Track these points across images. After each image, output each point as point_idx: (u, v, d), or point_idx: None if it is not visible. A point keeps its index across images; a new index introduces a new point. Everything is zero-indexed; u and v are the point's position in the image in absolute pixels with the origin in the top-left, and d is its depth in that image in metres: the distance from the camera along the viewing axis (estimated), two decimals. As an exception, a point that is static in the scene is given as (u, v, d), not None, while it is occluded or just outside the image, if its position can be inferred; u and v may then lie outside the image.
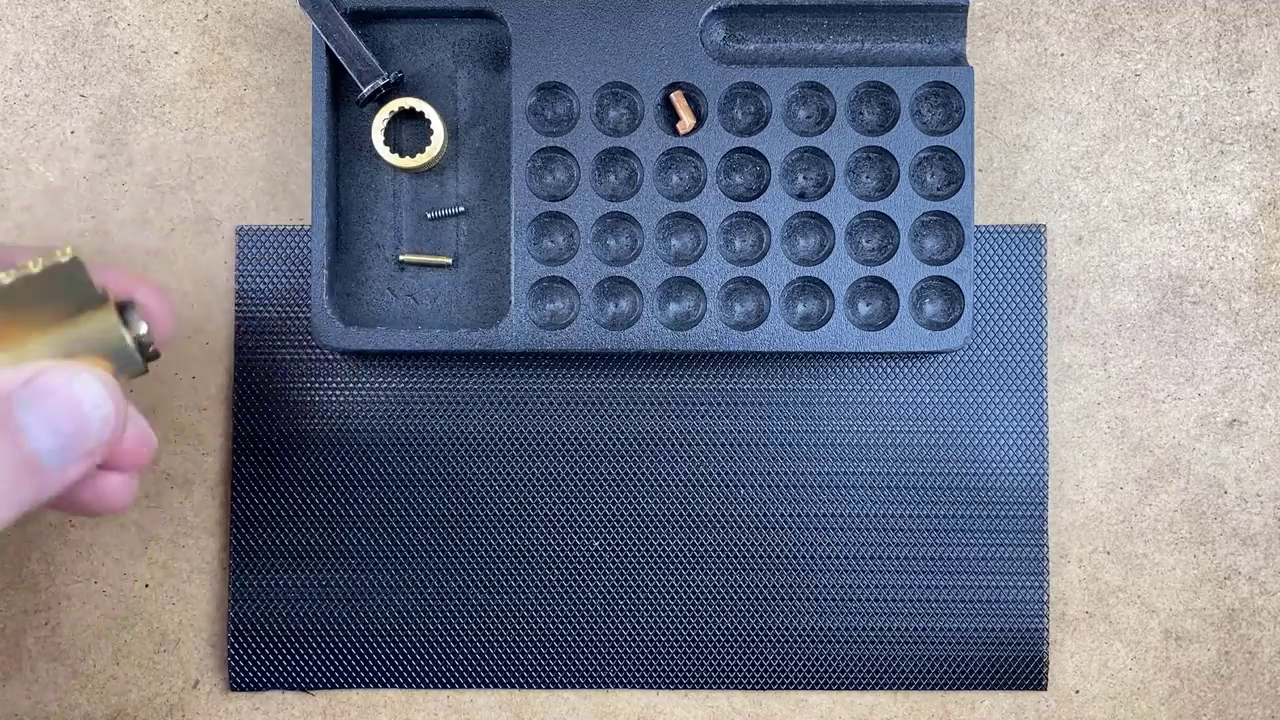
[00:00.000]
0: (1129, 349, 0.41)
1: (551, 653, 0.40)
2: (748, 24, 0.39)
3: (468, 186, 0.40)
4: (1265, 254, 0.41)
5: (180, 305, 0.41)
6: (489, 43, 0.40)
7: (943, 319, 0.39)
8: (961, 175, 0.38)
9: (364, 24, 0.39)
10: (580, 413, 0.41)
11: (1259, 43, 0.41)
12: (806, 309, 0.39)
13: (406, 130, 0.40)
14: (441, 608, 0.40)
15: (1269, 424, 0.41)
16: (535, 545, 0.40)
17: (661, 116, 0.39)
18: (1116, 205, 0.41)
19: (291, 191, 0.41)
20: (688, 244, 0.39)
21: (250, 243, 0.41)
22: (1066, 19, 0.41)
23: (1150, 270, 0.41)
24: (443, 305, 0.40)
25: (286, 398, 0.41)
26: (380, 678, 0.40)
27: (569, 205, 0.39)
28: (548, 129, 0.39)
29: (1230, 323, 0.41)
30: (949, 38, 0.39)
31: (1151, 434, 0.41)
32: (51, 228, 0.41)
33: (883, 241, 0.39)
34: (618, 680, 0.40)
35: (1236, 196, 0.41)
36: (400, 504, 0.40)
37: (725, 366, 0.41)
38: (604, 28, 0.39)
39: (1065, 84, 0.41)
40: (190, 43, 0.41)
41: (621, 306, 0.39)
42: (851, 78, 0.38)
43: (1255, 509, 0.41)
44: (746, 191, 0.39)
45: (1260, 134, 0.41)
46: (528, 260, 0.38)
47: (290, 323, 0.41)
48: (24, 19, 0.41)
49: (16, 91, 0.41)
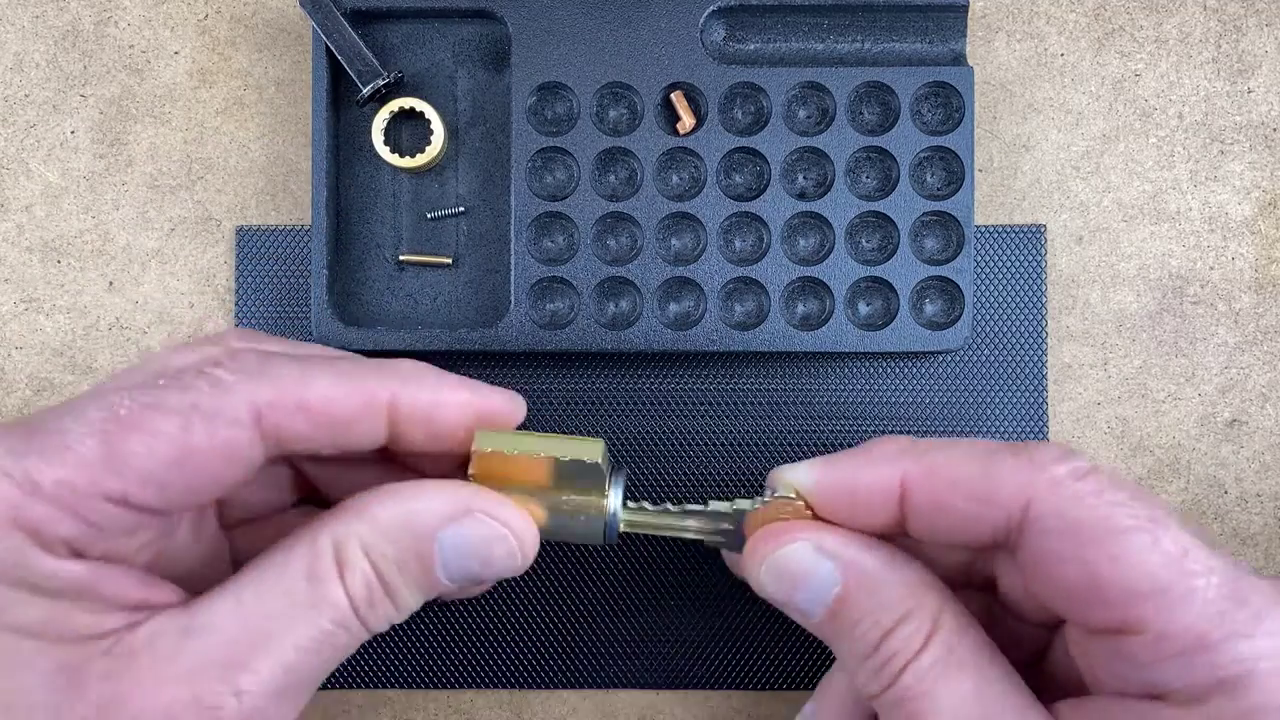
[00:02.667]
0: (1129, 349, 0.41)
1: (551, 653, 0.40)
2: (748, 24, 0.39)
3: (468, 186, 0.40)
4: (1265, 254, 0.41)
5: (180, 305, 0.41)
6: (489, 43, 0.40)
7: (943, 319, 0.39)
8: (961, 175, 0.38)
9: (364, 24, 0.39)
10: (580, 413, 0.41)
11: (1259, 43, 0.41)
12: (806, 309, 0.39)
13: (406, 130, 0.40)
14: (442, 608, 0.40)
15: (1269, 424, 0.41)
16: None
17: (661, 116, 0.39)
18: (1116, 205, 0.41)
19: (291, 191, 0.41)
20: (688, 244, 0.39)
21: (250, 243, 0.41)
22: (1066, 19, 0.41)
23: (1150, 270, 0.41)
24: (443, 305, 0.40)
25: (286, 398, 0.41)
26: (380, 678, 0.40)
27: (569, 205, 0.39)
28: (548, 129, 0.39)
29: (1230, 323, 0.41)
30: (949, 38, 0.39)
31: (1151, 434, 0.41)
32: (52, 228, 0.41)
33: (883, 241, 0.39)
34: (618, 680, 0.40)
35: (1236, 196, 0.41)
36: (400, 504, 0.40)
37: (725, 366, 0.41)
38: (604, 28, 0.39)
39: (1065, 84, 0.41)
40: (190, 43, 0.41)
41: (621, 306, 0.39)
42: (851, 78, 0.38)
43: (1255, 509, 0.41)
44: (746, 191, 0.39)
45: (1260, 134, 0.41)
46: (528, 260, 0.39)
47: (290, 323, 0.41)
48: (24, 19, 0.41)
49: (16, 91, 0.41)
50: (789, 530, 0.31)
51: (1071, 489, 0.28)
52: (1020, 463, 0.29)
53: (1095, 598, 0.28)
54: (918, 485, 0.30)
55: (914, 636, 0.29)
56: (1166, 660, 0.27)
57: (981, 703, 0.28)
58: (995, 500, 0.29)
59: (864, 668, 0.30)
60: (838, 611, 0.30)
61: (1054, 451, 0.29)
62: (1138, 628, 0.27)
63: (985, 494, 0.29)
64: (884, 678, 0.29)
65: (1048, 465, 0.29)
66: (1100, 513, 0.28)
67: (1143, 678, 0.27)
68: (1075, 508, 0.28)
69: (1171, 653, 0.27)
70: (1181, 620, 0.27)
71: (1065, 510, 0.28)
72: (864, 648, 0.30)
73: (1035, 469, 0.29)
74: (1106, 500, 0.28)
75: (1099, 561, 0.27)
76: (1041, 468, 0.29)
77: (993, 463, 0.29)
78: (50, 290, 0.41)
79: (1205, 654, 0.26)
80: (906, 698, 0.29)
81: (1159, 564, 0.27)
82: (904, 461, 0.30)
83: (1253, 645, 0.26)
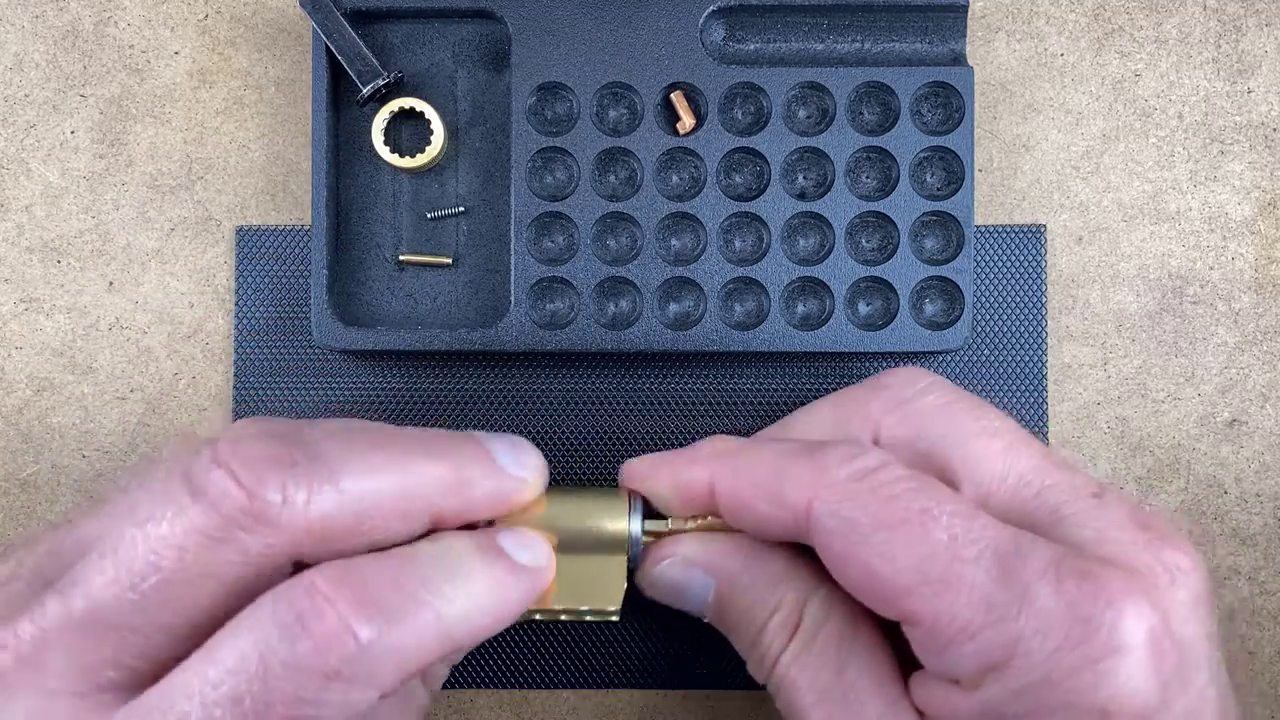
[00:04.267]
0: (1129, 349, 0.41)
1: (551, 653, 0.40)
2: (748, 24, 0.39)
3: (468, 186, 0.40)
4: (1265, 254, 0.41)
5: (180, 305, 0.41)
6: (489, 43, 0.40)
7: (943, 319, 0.39)
8: (961, 175, 0.38)
9: (364, 24, 0.39)
10: (580, 413, 0.41)
11: (1259, 43, 0.41)
12: (806, 309, 0.39)
13: (406, 130, 0.40)
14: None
15: (1269, 424, 0.41)
16: (535, 545, 0.40)
17: (661, 116, 0.39)
18: (1116, 205, 0.41)
19: (291, 191, 0.41)
20: (688, 244, 0.39)
21: (250, 243, 0.41)
22: (1066, 19, 0.41)
23: (1150, 270, 0.41)
24: (443, 305, 0.40)
25: (286, 398, 0.41)
26: (380, 678, 0.40)
27: (569, 205, 0.39)
28: (548, 129, 0.39)
29: (1230, 323, 0.41)
30: (949, 38, 0.39)
31: (1151, 434, 0.41)
32: (52, 228, 0.41)
33: (883, 241, 0.39)
34: (618, 680, 0.40)
35: (1236, 196, 0.41)
36: (400, 504, 0.40)
37: (725, 366, 0.41)
38: (604, 28, 0.39)
39: (1065, 84, 0.41)
40: (190, 43, 0.41)
41: (621, 306, 0.39)
42: (851, 78, 0.38)
43: (1255, 509, 0.41)
44: (746, 191, 0.39)
45: (1260, 134, 0.41)
46: (528, 260, 0.38)
47: (290, 323, 0.41)
48: (24, 19, 0.41)
49: (16, 91, 0.41)
50: (662, 547, 0.33)
51: (847, 489, 0.29)
52: (808, 464, 0.30)
53: (874, 594, 0.29)
54: (723, 485, 0.31)
55: (780, 630, 0.32)
56: (943, 649, 0.28)
57: (843, 685, 0.30)
58: (783, 502, 0.30)
59: (750, 660, 0.33)
60: (719, 612, 0.33)
61: (841, 452, 0.30)
62: (912, 620, 0.28)
63: (775, 495, 0.30)
64: (765, 668, 0.32)
65: (830, 467, 0.30)
66: (872, 510, 0.29)
67: (932, 664, 0.29)
68: (849, 507, 0.29)
69: (944, 642, 0.28)
70: (948, 610, 0.27)
71: (840, 510, 0.29)
72: (746, 642, 0.33)
73: (818, 471, 0.30)
74: (880, 497, 0.29)
75: (871, 558, 0.28)
76: (824, 470, 0.30)
77: (787, 464, 0.30)
78: (50, 290, 0.41)
79: (971, 642, 0.27)
80: (782, 685, 0.32)
81: (925, 556, 0.28)
82: (715, 462, 0.32)
83: (1016, 627, 0.27)
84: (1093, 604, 0.27)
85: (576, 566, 0.32)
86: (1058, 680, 0.27)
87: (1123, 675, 0.27)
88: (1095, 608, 0.27)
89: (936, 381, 0.33)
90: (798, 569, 0.32)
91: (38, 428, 0.41)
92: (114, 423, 0.41)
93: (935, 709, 0.29)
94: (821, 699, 0.31)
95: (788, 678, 0.31)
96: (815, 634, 0.31)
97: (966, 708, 0.28)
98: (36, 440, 0.41)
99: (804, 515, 0.30)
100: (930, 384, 0.33)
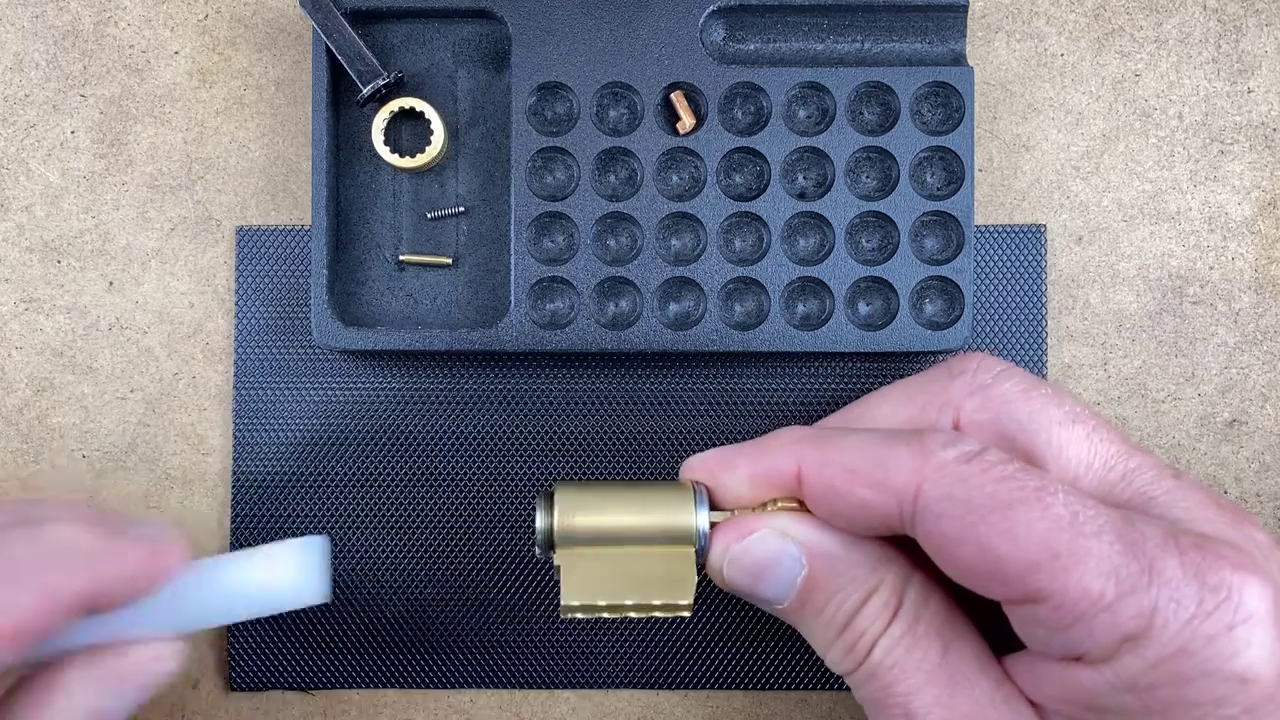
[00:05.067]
0: (1129, 349, 0.41)
1: (551, 653, 0.40)
2: (748, 24, 0.39)
3: (468, 186, 0.40)
4: (1265, 254, 0.41)
5: (180, 305, 0.41)
6: (489, 43, 0.40)
7: (943, 319, 0.39)
8: (961, 175, 0.38)
9: (364, 24, 0.39)
10: (580, 413, 0.41)
11: (1259, 43, 0.41)
12: (806, 309, 0.39)
13: (406, 130, 0.40)
14: (442, 607, 0.40)
15: (1269, 424, 0.41)
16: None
17: (661, 116, 0.39)
18: (1116, 205, 0.41)
19: (291, 191, 0.41)
20: (688, 244, 0.39)
21: (250, 243, 0.41)
22: (1066, 19, 0.41)
23: (1150, 270, 0.41)
24: (443, 305, 0.40)
25: (286, 398, 0.41)
26: (380, 678, 0.40)
27: (569, 205, 0.39)
28: (548, 129, 0.39)
29: (1230, 323, 0.41)
30: (949, 38, 0.39)
31: (1151, 434, 0.41)
32: (52, 228, 0.41)
33: (883, 241, 0.39)
34: (618, 680, 0.40)
35: (1236, 196, 0.41)
36: (400, 504, 0.40)
37: (725, 366, 0.41)
38: (604, 28, 0.39)
39: (1065, 84, 0.41)
40: (190, 43, 0.41)
41: (621, 306, 0.39)
42: (851, 78, 0.38)
43: (1255, 509, 0.41)
44: (746, 191, 0.39)
45: (1260, 134, 0.41)
46: (528, 260, 0.39)
47: (290, 323, 0.41)
48: (24, 19, 0.41)
49: (16, 91, 0.41)
50: (748, 521, 0.32)
51: (958, 471, 0.29)
52: (911, 450, 0.30)
53: (994, 574, 0.28)
54: (812, 472, 0.31)
55: (881, 612, 0.31)
56: (1071, 625, 0.27)
57: (948, 666, 0.30)
58: (888, 487, 0.30)
59: (835, 647, 0.31)
60: (806, 594, 0.32)
61: (942, 437, 0.30)
62: (1038, 597, 0.28)
63: (878, 481, 0.30)
64: (856, 655, 0.31)
65: (935, 450, 0.29)
66: (987, 490, 0.28)
67: (1055, 642, 0.28)
68: (962, 489, 0.29)
69: (1074, 617, 0.27)
70: (1078, 584, 0.27)
71: (953, 492, 0.29)
72: (834, 628, 0.31)
73: (924, 455, 0.29)
74: (993, 477, 0.29)
75: (990, 538, 0.28)
76: (929, 454, 0.29)
77: (884, 450, 0.30)
78: (50, 290, 0.41)
79: (1105, 614, 0.27)
80: (879, 671, 0.30)
81: (1049, 531, 0.28)
82: (801, 449, 0.31)
83: (1150, 596, 0.27)
84: (1219, 573, 0.27)
85: (642, 561, 0.32)
86: (1196, 649, 0.27)
87: (1256, 642, 0.27)
88: (1222, 576, 0.27)
89: (1010, 367, 0.33)
90: (893, 551, 0.32)
91: (38, 428, 0.41)
92: (114, 423, 0.41)
93: (1048, 689, 0.29)
94: (929, 681, 0.30)
95: (887, 661, 0.30)
96: (918, 616, 0.31)
97: (1092, 684, 0.28)
98: (36, 440, 0.41)
99: (910, 499, 0.29)
100: (1006, 369, 0.33)
